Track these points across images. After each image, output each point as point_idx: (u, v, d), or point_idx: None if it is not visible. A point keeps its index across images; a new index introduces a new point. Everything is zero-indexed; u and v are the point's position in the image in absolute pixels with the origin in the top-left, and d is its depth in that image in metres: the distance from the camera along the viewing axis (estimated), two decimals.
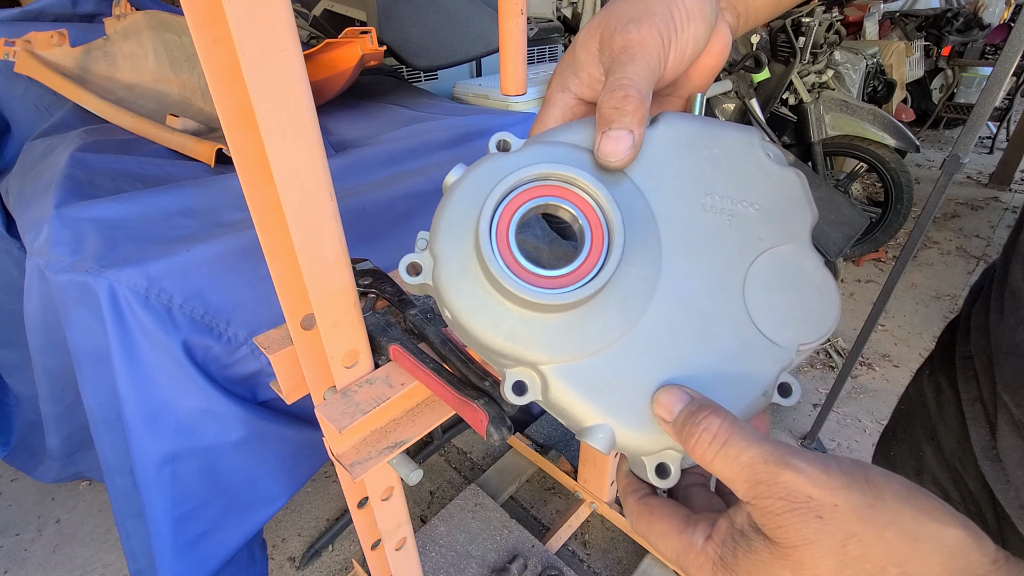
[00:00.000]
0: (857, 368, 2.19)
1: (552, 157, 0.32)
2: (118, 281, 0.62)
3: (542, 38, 1.95)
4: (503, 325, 0.29)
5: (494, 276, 0.28)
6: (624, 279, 0.30)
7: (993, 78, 1.16)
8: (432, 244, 0.31)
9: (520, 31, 1.31)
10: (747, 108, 2.65)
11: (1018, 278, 0.45)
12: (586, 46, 0.36)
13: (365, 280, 0.58)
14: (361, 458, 0.50)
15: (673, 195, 0.32)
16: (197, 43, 0.31)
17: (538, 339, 0.29)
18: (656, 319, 0.30)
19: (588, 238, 0.30)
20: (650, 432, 0.29)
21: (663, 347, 0.30)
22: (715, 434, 0.26)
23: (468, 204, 0.31)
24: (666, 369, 0.30)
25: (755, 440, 0.25)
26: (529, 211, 0.30)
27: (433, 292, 0.31)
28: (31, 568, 1.46)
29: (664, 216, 0.32)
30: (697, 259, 0.31)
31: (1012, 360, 0.46)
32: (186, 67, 1.25)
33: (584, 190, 0.31)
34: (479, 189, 0.31)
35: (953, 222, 3.50)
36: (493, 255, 0.28)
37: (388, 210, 0.87)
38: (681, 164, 0.33)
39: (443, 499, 1.65)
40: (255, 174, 0.37)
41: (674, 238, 0.32)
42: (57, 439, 0.92)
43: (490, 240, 0.29)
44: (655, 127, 0.34)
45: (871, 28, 3.86)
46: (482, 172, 0.32)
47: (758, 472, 0.24)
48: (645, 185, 0.33)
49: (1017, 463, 0.47)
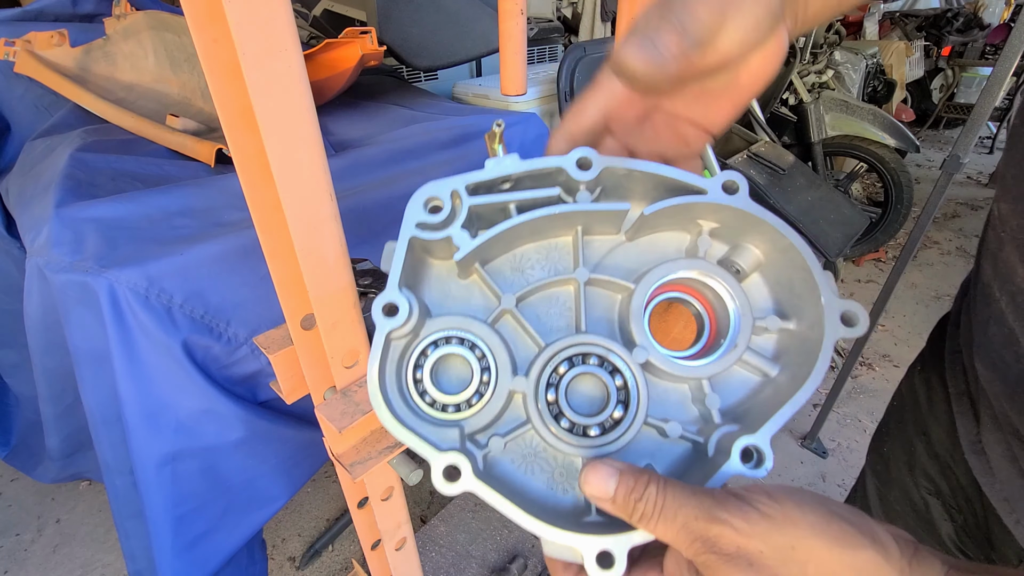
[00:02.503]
0: (857, 368, 2.19)
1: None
2: (118, 281, 0.62)
3: (542, 38, 1.95)
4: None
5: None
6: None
7: (993, 78, 1.16)
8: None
9: (520, 31, 1.30)
10: (747, 108, 2.64)
11: (988, 275, 0.45)
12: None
13: (365, 280, 0.58)
14: (361, 458, 0.50)
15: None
16: (197, 43, 0.31)
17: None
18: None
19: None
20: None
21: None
22: (651, 503, 0.28)
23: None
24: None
25: (686, 497, 0.27)
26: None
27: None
28: (31, 568, 1.46)
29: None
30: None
31: (988, 353, 0.46)
32: (186, 67, 1.25)
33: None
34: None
35: (953, 222, 3.50)
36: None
37: (388, 210, 0.86)
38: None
39: (443, 499, 1.65)
40: (255, 174, 0.37)
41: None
42: (57, 439, 0.92)
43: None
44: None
45: (871, 28, 3.86)
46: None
47: (692, 530, 0.27)
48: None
49: (1000, 456, 0.48)
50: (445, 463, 0.30)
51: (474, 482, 0.30)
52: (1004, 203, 0.42)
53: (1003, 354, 0.43)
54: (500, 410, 0.34)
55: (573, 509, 0.33)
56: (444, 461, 0.30)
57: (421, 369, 0.34)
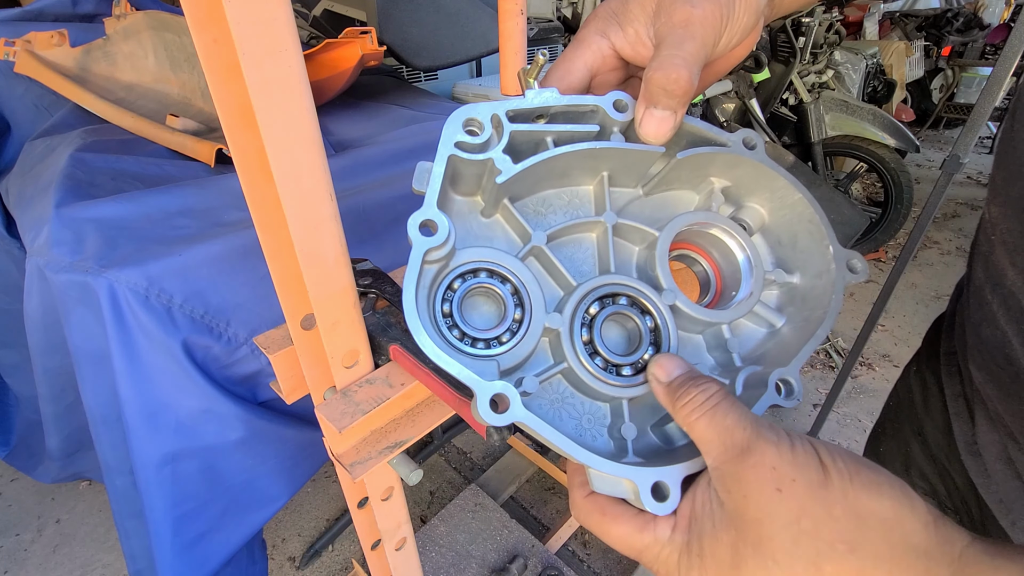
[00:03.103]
0: (857, 368, 2.19)
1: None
2: (118, 281, 0.62)
3: (542, 38, 1.95)
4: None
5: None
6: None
7: (993, 78, 1.16)
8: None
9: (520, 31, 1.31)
10: (747, 108, 2.65)
11: (980, 277, 0.46)
12: (642, 2, 0.34)
13: (365, 280, 0.58)
14: (361, 458, 0.50)
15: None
16: (197, 43, 0.31)
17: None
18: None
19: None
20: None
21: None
22: (709, 396, 0.28)
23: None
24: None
25: (741, 409, 0.28)
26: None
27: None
28: (31, 568, 1.46)
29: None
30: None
31: (981, 356, 0.46)
32: (186, 67, 1.25)
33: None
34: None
35: (953, 222, 3.50)
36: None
37: (388, 210, 0.86)
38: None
39: (443, 499, 1.65)
40: (255, 174, 0.37)
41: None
42: (57, 439, 0.92)
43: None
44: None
45: (871, 28, 3.86)
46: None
47: (736, 436, 0.26)
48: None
49: (995, 457, 0.48)
50: (492, 391, 0.28)
51: (523, 411, 0.28)
52: (994, 206, 0.42)
53: (996, 356, 0.43)
54: (533, 348, 0.34)
55: (602, 455, 0.33)
56: (491, 390, 0.28)
57: (450, 303, 0.33)
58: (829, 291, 0.34)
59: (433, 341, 0.30)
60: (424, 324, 0.30)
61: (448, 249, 0.32)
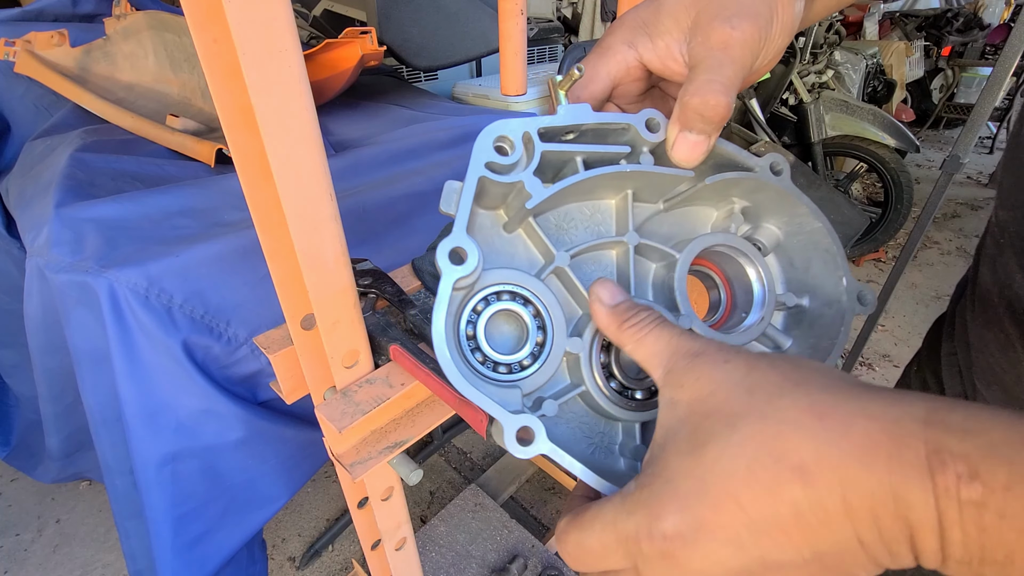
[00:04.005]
0: (857, 368, 2.19)
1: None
2: (118, 281, 0.62)
3: (542, 38, 1.95)
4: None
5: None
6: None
7: (993, 78, 1.16)
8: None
9: (520, 31, 1.31)
10: (747, 108, 2.65)
11: (986, 280, 0.46)
12: (676, 16, 0.33)
13: (365, 280, 0.58)
14: (361, 458, 0.50)
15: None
16: (197, 43, 0.31)
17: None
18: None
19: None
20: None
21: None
22: (655, 317, 0.29)
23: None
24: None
25: (680, 327, 0.29)
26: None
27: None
28: (31, 568, 1.46)
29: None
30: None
31: (983, 357, 0.46)
32: (186, 67, 1.25)
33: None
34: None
35: (953, 222, 3.50)
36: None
37: (388, 210, 0.86)
38: None
39: (443, 499, 1.65)
40: (255, 174, 0.37)
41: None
42: (57, 439, 0.92)
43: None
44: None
45: (871, 28, 3.86)
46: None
47: (684, 342, 0.27)
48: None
49: None
50: (519, 424, 0.28)
51: (548, 445, 0.28)
52: (1003, 210, 0.42)
53: (1000, 359, 0.43)
54: (554, 372, 0.33)
55: (613, 472, 0.33)
56: (517, 423, 0.28)
57: (473, 325, 0.33)
58: (838, 322, 0.35)
59: (459, 370, 0.29)
60: (453, 356, 0.29)
61: (476, 277, 0.31)
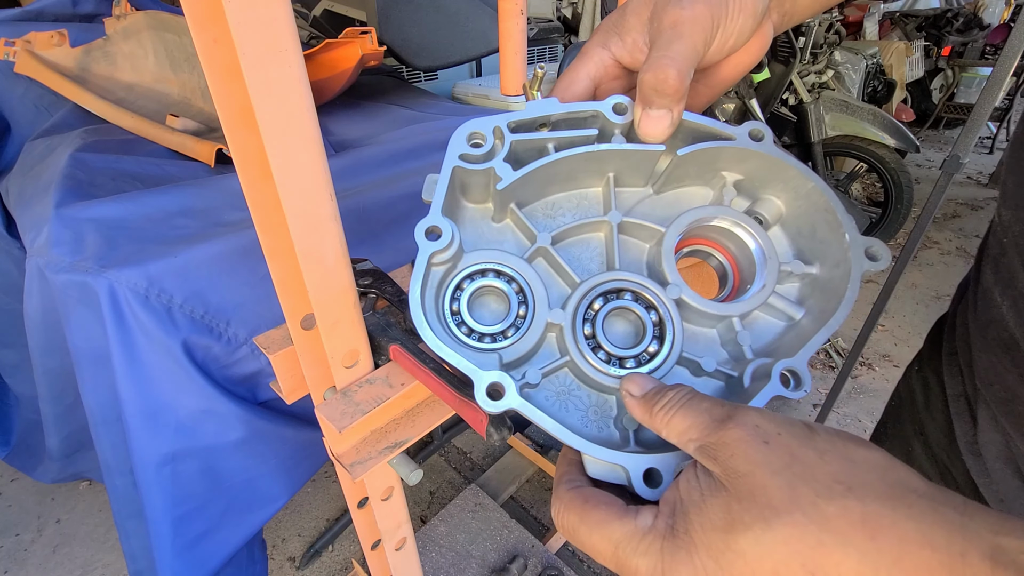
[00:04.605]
0: (857, 368, 2.19)
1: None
2: (118, 281, 0.62)
3: (542, 38, 1.95)
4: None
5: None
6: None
7: (993, 78, 1.16)
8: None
9: (520, 31, 1.31)
10: (747, 108, 2.64)
11: (989, 279, 0.46)
12: (637, 11, 0.36)
13: (365, 280, 0.58)
14: (361, 458, 0.50)
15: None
16: (197, 43, 0.31)
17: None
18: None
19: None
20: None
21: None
22: (684, 394, 0.29)
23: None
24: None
25: (714, 397, 0.28)
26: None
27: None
28: (31, 568, 1.46)
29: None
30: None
31: (986, 357, 0.47)
32: (186, 67, 1.25)
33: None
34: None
35: (953, 222, 3.50)
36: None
37: (388, 210, 0.86)
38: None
39: (443, 499, 1.65)
40: (255, 174, 0.37)
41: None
42: (57, 439, 0.92)
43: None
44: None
45: (871, 28, 3.86)
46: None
47: (715, 412, 0.27)
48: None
49: (996, 457, 0.48)
50: (489, 380, 0.30)
51: (517, 399, 0.30)
52: (1006, 210, 0.42)
53: (1003, 358, 0.44)
54: (536, 342, 0.35)
55: (607, 444, 0.33)
56: (488, 379, 0.30)
57: (458, 301, 0.35)
58: (845, 281, 0.34)
59: (436, 335, 0.31)
60: (429, 319, 0.32)
61: (453, 252, 0.34)
